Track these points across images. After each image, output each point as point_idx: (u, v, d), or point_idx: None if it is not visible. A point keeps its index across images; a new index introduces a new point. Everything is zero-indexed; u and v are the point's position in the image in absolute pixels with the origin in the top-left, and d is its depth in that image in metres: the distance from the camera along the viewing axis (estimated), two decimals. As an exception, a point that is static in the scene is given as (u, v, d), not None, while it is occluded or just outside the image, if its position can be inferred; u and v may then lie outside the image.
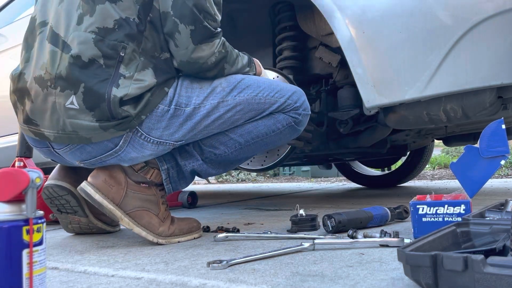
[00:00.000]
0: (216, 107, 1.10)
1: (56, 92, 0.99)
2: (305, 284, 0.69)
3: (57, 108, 0.99)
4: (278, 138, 1.23)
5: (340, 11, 1.28)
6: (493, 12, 1.10)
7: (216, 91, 1.11)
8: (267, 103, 1.16)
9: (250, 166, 1.72)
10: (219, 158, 1.20)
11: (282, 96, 1.18)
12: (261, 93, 1.16)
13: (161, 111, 1.05)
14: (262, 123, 1.19)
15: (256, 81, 1.18)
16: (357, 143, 1.82)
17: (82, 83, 0.97)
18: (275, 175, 6.76)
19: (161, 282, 0.76)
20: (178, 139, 1.09)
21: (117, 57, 0.99)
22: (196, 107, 1.08)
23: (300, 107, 1.22)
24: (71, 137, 1.01)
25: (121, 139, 1.04)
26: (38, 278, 0.57)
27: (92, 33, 0.99)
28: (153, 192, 1.16)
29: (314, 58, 1.74)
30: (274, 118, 1.19)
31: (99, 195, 1.10)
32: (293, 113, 1.21)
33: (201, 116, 1.09)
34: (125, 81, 0.99)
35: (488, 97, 1.20)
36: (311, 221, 1.23)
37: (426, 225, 0.97)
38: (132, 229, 1.11)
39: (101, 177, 1.11)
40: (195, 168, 1.19)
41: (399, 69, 1.22)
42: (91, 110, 0.98)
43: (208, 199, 2.86)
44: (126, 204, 1.11)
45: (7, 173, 0.56)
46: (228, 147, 1.19)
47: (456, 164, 0.95)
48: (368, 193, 2.73)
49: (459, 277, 0.52)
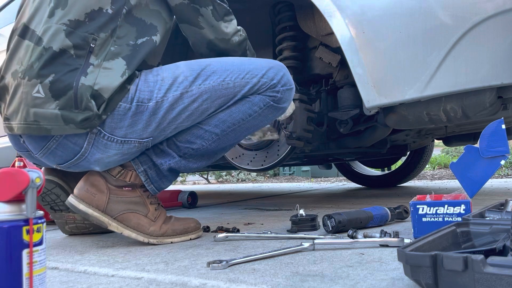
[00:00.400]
0: (180, 98, 1.06)
1: (24, 82, 0.98)
2: (305, 284, 0.69)
3: (23, 98, 0.98)
4: (259, 120, 1.17)
5: (340, 11, 1.28)
6: (493, 12, 1.10)
7: (178, 81, 1.07)
8: (237, 86, 1.10)
9: (250, 166, 1.72)
10: (199, 152, 1.16)
11: (254, 76, 1.11)
12: (228, 77, 1.10)
13: (123, 109, 1.02)
14: (236, 109, 1.13)
15: (223, 64, 1.11)
16: (357, 143, 1.82)
17: (52, 74, 0.97)
18: (275, 175, 6.77)
19: (161, 282, 0.76)
20: (143, 136, 1.07)
21: (87, 48, 1.00)
22: (159, 101, 1.05)
23: (278, 83, 1.14)
24: (31, 127, 0.99)
25: (84, 141, 1.03)
26: (38, 278, 0.57)
27: (63, 25, 0.99)
28: (137, 194, 1.15)
29: (314, 58, 1.73)
30: (249, 101, 1.13)
31: (83, 205, 1.10)
32: (270, 92, 1.14)
33: (164, 110, 1.05)
34: (94, 69, 0.99)
35: (488, 97, 1.20)
36: (311, 221, 1.23)
37: (426, 225, 0.97)
38: (121, 232, 1.12)
39: (83, 188, 1.12)
40: (173, 165, 1.16)
41: (399, 69, 1.22)
42: (57, 98, 0.97)
43: (208, 199, 2.86)
44: (111, 209, 1.12)
45: (7, 173, 0.56)
46: (205, 140, 1.15)
47: (456, 164, 0.95)
48: (368, 193, 2.73)
49: (459, 277, 0.52)
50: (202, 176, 6.71)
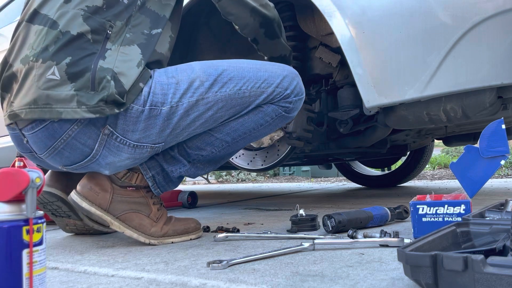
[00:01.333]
0: (195, 105, 1.04)
1: (37, 64, 0.95)
2: (305, 284, 0.69)
3: (35, 81, 0.95)
4: (269, 129, 1.18)
5: (340, 11, 1.28)
6: (493, 12, 1.10)
7: (194, 86, 1.04)
8: (252, 96, 1.09)
9: (250, 166, 1.72)
10: (206, 158, 1.17)
11: (270, 86, 1.10)
12: (245, 85, 1.08)
13: (136, 111, 0.99)
14: (249, 119, 1.12)
15: (240, 71, 1.09)
16: (357, 143, 1.82)
17: (69, 56, 0.95)
18: (275, 175, 6.76)
19: (161, 282, 0.76)
20: (156, 142, 1.04)
21: (104, 34, 0.99)
22: (174, 106, 1.02)
23: (292, 93, 1.14)
24: (43, 110, 0.94)
25: (95, 142, 1.00)
26: (38, 278, 0.57)
27: (81, 10, 0.98)
28: (141, 194, 1.15)
29: (314, 58, 1.73)
30: (262, 111, 1.12)
31: (86, 202, 1.10)
32: (283, 102, 1.13)
33: (179, 116, 1.03)
34: (112, 53, 0.98)
35: (488, 97, 1.20)
36: (311, 221, 1.23)
37: (426, 225, 0.97)
38: (123, 231, 1.12)
39: (87, 186, 1.12)
40: (183, 173, 1.16)
41: (399, 69, 1.22)
42: (73, 80, 0.94)
43: (208, 199, 2.86)
44: (114, 208, 1.11)
45: (7, 173, 0.56)
46: (215, 147, 1.15)
47: (456, 164, 0.95)
48: (368, 193, 2.73)
49: (459, 277, 0.52)
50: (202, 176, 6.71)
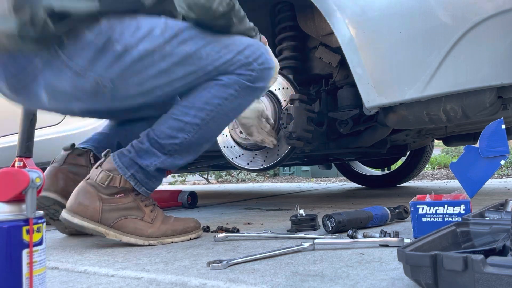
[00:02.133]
0: (151, 53, 1.03)
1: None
2: (305, 284, 0.69)
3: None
4: (237, 104, 1.13)
5: (340, 11, 1.28)
6: (493, 12, 1.10)
7: (153, 33, 1.03)
8: (209, 59, 1.06)
9: (250, 166, 1.72)
10: (183, 146, 1.13)
11: (229, 52, 1.06)
12: (204, 48, 1.05)
13: (88, 40, 0.98)
14: (209, 94, 1.09)
15: (203, 34, 1.06)
16: (357, 143, 1.82)
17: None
18: (275, 175, 6.76)
19: (161, 282, 0.76)
20: (102, 75, 1.02)
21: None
22: (128, 47, 1.01)
23: (254, 61, 1.09)
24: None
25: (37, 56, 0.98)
26: (38, 278, 0.57)
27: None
28: (130, 199, 1.13)
29: (314, 58, 1.74)
30: (222, 83, 1.09)
31: (77, 218, 1.09)
32: (243, 70, 1.09)
33: (131, 58, 1.01)
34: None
35: (488, 97, 1.20)
36: (311, 221, 1.23)
37: (426, 225, 0.97)
38: (120, 239, 1.11)
39: (75, 201, 1.10)
40: (159, 165, 1.13)
41: (399, 69, 1.22)
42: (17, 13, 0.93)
43: (208, 199, 2.86)
44: (107, 218, 1.10)
45: (7, 173, 0.56)
46: (187, 132, 1.11)
47: (456, 164, 0.95)
48: (368, 193, 2.73)
49: (459, 277, 0.52)
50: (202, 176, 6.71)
